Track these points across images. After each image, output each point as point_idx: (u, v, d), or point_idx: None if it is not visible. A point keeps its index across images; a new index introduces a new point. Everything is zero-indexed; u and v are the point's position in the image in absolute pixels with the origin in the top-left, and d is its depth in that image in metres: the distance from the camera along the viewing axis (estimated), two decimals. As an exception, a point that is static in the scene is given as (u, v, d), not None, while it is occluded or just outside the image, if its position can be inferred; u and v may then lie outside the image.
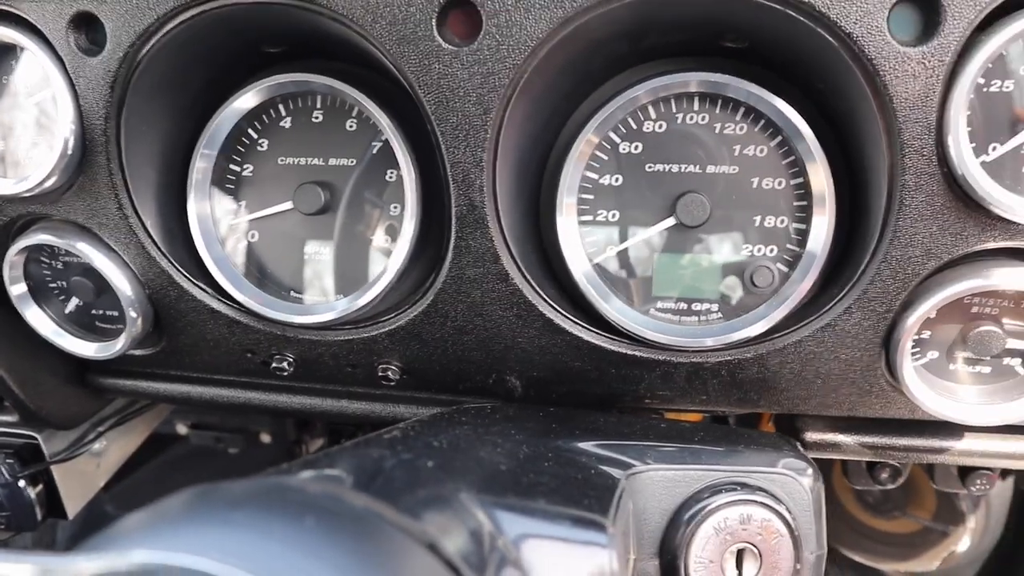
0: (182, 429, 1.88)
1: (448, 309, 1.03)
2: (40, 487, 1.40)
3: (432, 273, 1.06)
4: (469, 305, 1.02)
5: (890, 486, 1.37)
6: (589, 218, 1.04)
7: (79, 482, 1.46)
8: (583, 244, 1.04)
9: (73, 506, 1.44)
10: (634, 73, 1.04)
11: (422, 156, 1.03)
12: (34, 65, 1.04)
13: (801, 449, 0.98)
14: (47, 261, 1.16)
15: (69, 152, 1.01)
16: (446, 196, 0.98)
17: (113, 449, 1.52)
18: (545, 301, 1.02)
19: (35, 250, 1.14)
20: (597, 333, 1.03)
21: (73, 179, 1.05)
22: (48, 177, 1.02)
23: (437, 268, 1.03)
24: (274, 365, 1.14)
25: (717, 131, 1.02)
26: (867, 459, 1.24)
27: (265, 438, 1.88)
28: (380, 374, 1.11)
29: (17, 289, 1.15)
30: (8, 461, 1.31)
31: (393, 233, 1.07)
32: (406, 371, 1.11)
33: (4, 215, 1.11)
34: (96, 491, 1.51)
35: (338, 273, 1.10)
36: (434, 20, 0.90)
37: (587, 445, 0.95)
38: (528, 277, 1.00)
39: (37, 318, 1.17)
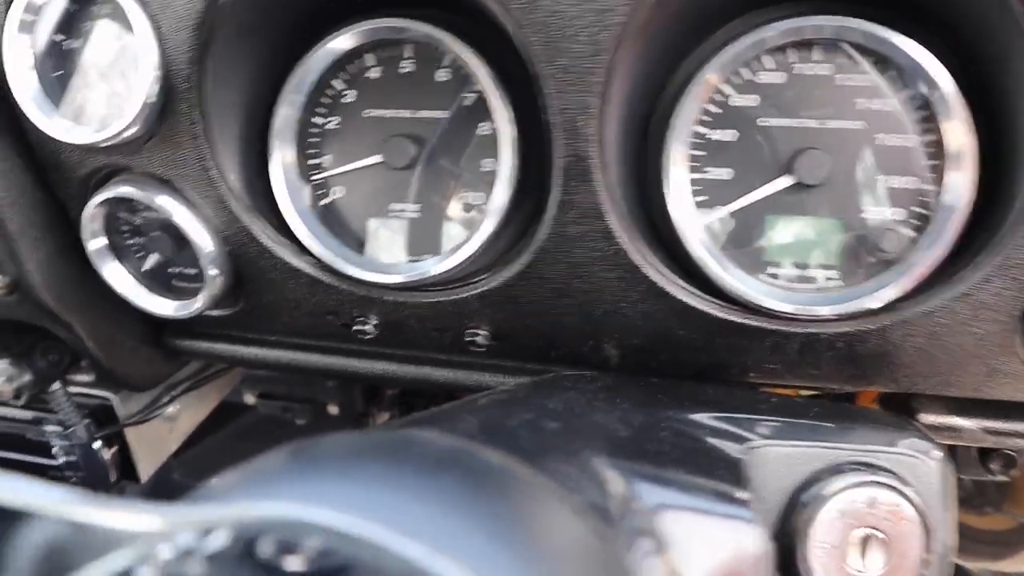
0: (249, 399, 1.86)
1: (546, 270, 0.97)
2: (114, 449, 1.38)
3: (525, 231, 1.00)
4: (569, 265, 0.96)
5: (1000, 477, 1.27)
6: (699, 175, 0.97)
7: (152, 446, 1.44)
8: (693, 202, 0.96)
9: (146, 469, 1.42)
10: (750, 19, 0.96)
11: (517, 108, 0.97)
12: (116, 9, 1.00)
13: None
14: (125, 216, 1.12)
15: (152, 100, 0.97)
16: (548, 148, 0.91)
17: (185, 414, 1.49)
18: (650, 264, 0.95)
19: (114, 204, 1.10)
20: (705, 299, 0.96)
21: (154, 129, 1.01)
22: (129, 126, 0.98)
23: (534, 226, 0.96)
24: (356, 328, 1.09)
25: (839, 82, 0.94)
26: (985, 446, 1.14)
27: (333, 409, 1.85)
28: (468, 339, 1.05)
29: (96, 243, 1.12)
30: (86, 421, 1.29)
31: (486, 189, 1.00)
32: (496, 336, 1.05)
33: (84, 167, 1.07)
34: (168, 455, 1.49)
35: (426, 231, 1.04)
36: (543, -48, 0.83)
37: (698, 417, 0.88)
38: (634, 236, 0.93)
39: (115, 274, 1.14)
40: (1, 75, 1.02)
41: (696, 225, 0.96)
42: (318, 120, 1.06)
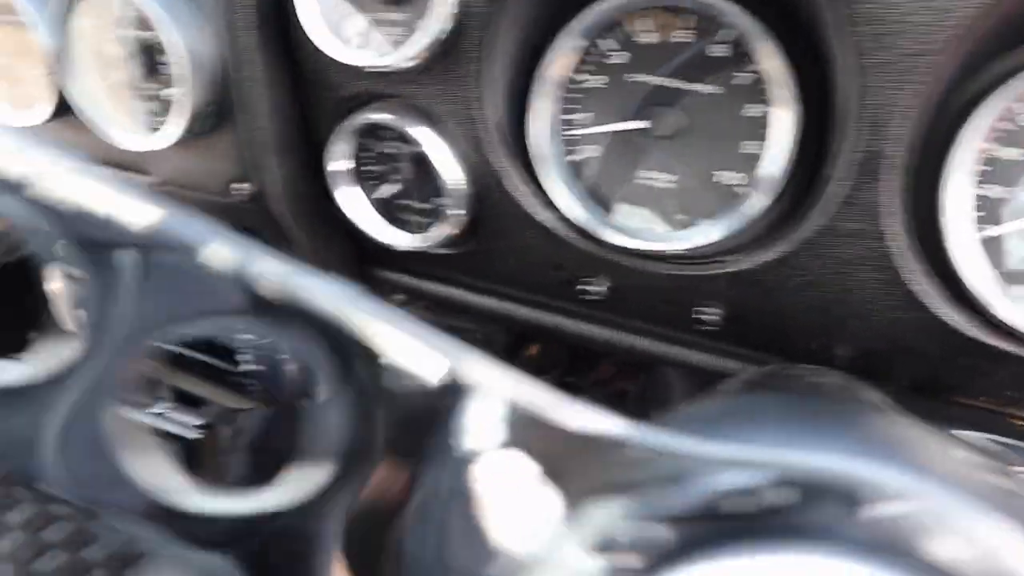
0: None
1: (807, 261, 0.96)
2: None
3: (781, 218, 0.99)
4: (832, 261, 0.94)
5: None
6: (978, 191, 0.94)
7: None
8: (971, 217, 0.94)
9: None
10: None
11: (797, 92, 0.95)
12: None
13: None
14: (369, 143, 1.15)
15: (443, 36, 0.98)
16: (835, 139, 0.90)
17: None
18: (916, 272, 0.93)
19: (364, 130, 1.12)
20: (964, 318, 0.94)
21: (433, 63, 1.02)
22: (415, 57, 0.99)
23: (801, 214, 0.95)
24: (581, 287, 1.09)
25: None
26: None
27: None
28: (696, 316, 1.05)
29: (339, 165, 1.14)
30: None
31: (746, 170, 1.00)
32: (728, 318, 1.05)
33: (347, 89, 1.09)
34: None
35: (679, 203, 1.04)
36: (890, -56, 0.81)
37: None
38: (908, 242, 0.92)
39: (348, 199, 1.16)
40: (282, -8, 1.04)
41: (971, 242, 0.94)
42: (581, 76, 1.06)
